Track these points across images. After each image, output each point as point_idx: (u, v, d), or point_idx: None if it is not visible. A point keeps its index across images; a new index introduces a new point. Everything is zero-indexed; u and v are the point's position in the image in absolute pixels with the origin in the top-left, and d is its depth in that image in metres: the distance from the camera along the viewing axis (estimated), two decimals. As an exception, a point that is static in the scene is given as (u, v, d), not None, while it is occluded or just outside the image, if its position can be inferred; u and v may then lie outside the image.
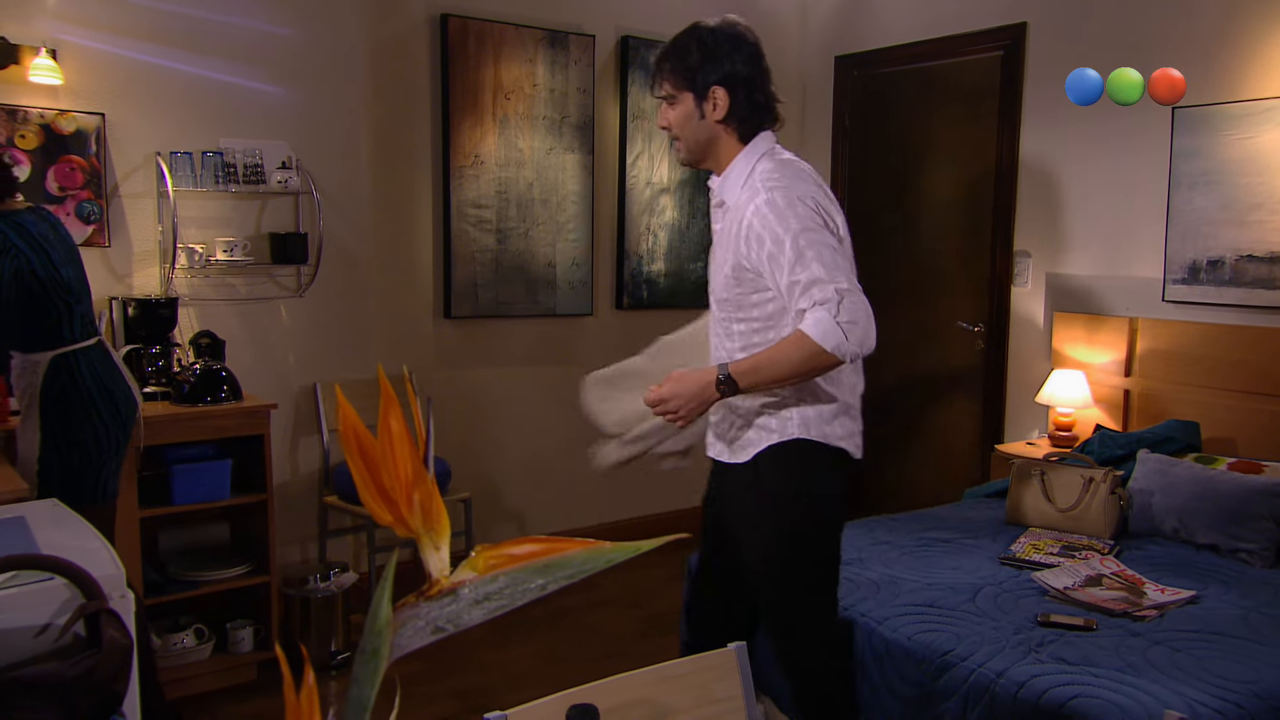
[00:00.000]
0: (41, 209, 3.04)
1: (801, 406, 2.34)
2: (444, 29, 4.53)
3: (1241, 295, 3.98)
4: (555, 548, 0.72)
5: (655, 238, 5.28)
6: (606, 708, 1.59)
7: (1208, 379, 4.06)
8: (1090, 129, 4.48)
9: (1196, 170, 4.09)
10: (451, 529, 2.80)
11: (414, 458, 0.70)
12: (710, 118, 2.32)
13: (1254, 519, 3.36)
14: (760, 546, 2.44)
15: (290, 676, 0.69)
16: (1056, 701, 2.38)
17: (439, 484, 4.16)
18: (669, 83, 2.35)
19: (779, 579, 2.45)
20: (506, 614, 0.72)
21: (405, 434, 0.70)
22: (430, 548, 0.70)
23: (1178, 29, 4.13)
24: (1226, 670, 2.50)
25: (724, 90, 2.30)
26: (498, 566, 0.70)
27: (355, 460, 0.70)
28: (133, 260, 3.82)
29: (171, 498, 3.51)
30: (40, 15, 3.58)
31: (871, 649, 2.75)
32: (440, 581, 0.69)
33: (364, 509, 2.39)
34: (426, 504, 0.70)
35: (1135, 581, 3.06)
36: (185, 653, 3.60)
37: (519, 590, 0.70)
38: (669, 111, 2.37)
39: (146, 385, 3.59)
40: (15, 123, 3.55)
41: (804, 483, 2.38)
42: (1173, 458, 3.76)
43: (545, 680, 3.70)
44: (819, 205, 2.23)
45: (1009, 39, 4.76)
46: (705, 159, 2.39)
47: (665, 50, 2.38)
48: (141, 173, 3.81)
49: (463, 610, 0.68)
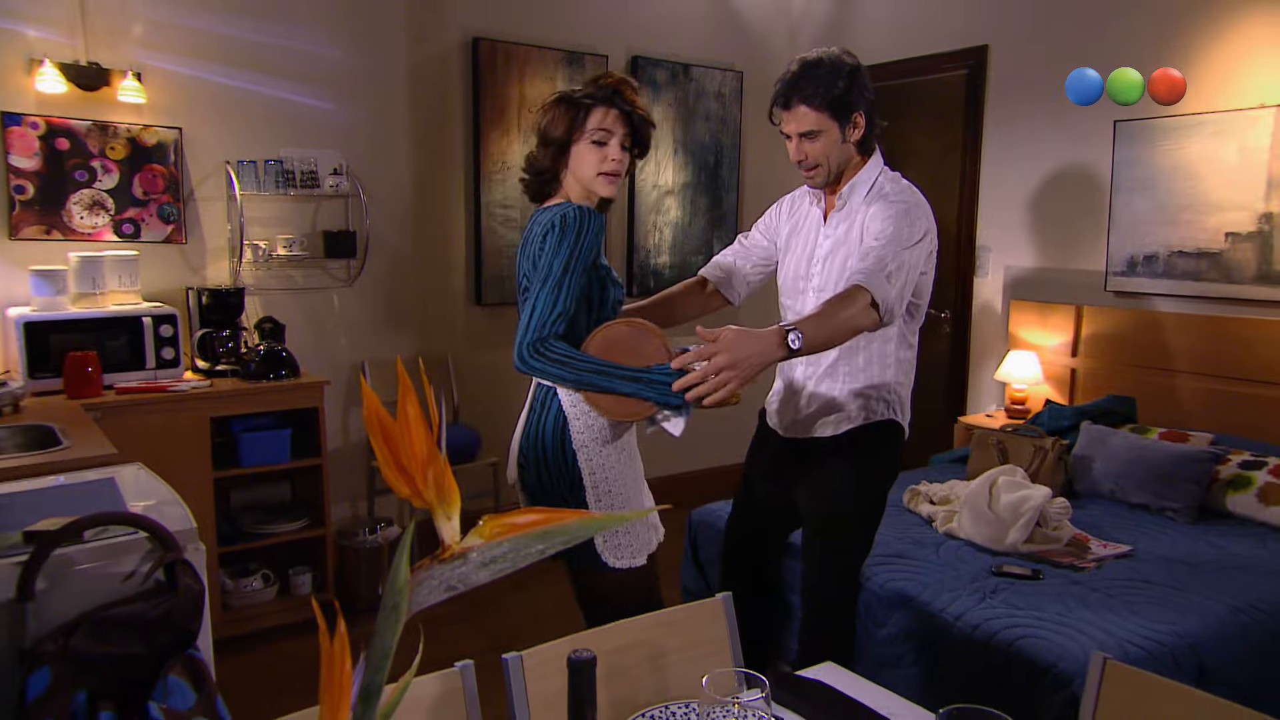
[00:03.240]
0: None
1: (897, 389, 2.30)
2: (475, 51, 4.51)
3: (1173, 286, 3.96)
4: (553, 517, 0.72)
5: (661, 234, 5.27)
6: (611, 649, 1.61)
7: (1143, 359, 4.04)
8: (1044, 139, 4.45)
9: (1135, 177, 4.06)
10: (480, 489, 2.85)
11: (428, 439, 0.70)
12: (851, 140, 2.22)
13: (1180, 481, 3.36)
14: (826, 509, 2.34)
15: (325, 626, 0.70)
16: (1005, 641, 2.40)
17: (469, 452, 4.21)
18: (815, 115, 2.17)
19: (838, 544, 2.37)
20: (527, 566, 0.72)
21: (421, 418, 0.70)
22: (443, 517, 0.70)
23: (1117, 52, 4.08)
24: (1152, 613, 2.52)
25: (863, 115, 2.22)
26: (502, 534, 0.70)
27: (377, 440, 0.70)
28: (206, 255, 3.84)
29: (240, 461, 3.54)
30: (127, 43, 3.59)
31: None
32: (451, 547, 0.69)
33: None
34: (439, 480, 0.70)
35: (1082, 539, 3.06)
36: (254, 594, 3.65)
37: (521, 554, 0.70)
38: (807, 144, 2.20)
39: (218, 364, 3.62)
40: (106, 136, 3.56)
41: (886, 460, 2.35)
42: (1111, 428, 3.76)
43: (563, 621, 3.70)
44: (926, 226, 2.16)
45: (973, 59, 4.72)
46: (838, 180, 2.28)
47: (797, 85, 2.17)
48: (213, 179, 3.82)
49: (471, 572, 0.69)
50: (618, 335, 2.00)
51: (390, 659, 0.68)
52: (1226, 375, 3.77)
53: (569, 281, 1.98)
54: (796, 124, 2.19)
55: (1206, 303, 3.88)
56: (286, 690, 3.22)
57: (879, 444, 2.31)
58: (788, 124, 2.22)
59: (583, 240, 2.00)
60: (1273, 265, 3.66)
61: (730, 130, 5.47)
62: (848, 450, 2.30)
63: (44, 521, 1.87)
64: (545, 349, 1.96)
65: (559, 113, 2.13)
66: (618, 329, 2.02)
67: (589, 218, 2.02)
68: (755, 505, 2.56)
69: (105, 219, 3.60)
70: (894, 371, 2.30)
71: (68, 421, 2.87)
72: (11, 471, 2.36)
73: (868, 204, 2.22)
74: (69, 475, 2.34)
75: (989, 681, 2.39)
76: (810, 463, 2.36)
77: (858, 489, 2.33)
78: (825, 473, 2.34)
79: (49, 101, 3.45)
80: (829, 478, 2.33)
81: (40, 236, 3.49)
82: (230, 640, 3.48)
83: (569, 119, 2.12)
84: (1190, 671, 2.36)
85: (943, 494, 3.39)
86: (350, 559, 3.87)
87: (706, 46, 5.34)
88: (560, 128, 2.12)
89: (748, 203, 5.64)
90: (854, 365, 2.29)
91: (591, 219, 2.03)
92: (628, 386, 1.94)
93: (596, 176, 2.12)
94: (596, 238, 2.03)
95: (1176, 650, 2.36)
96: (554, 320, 1.97)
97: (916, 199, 2.20)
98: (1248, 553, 2.99)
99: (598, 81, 2.17)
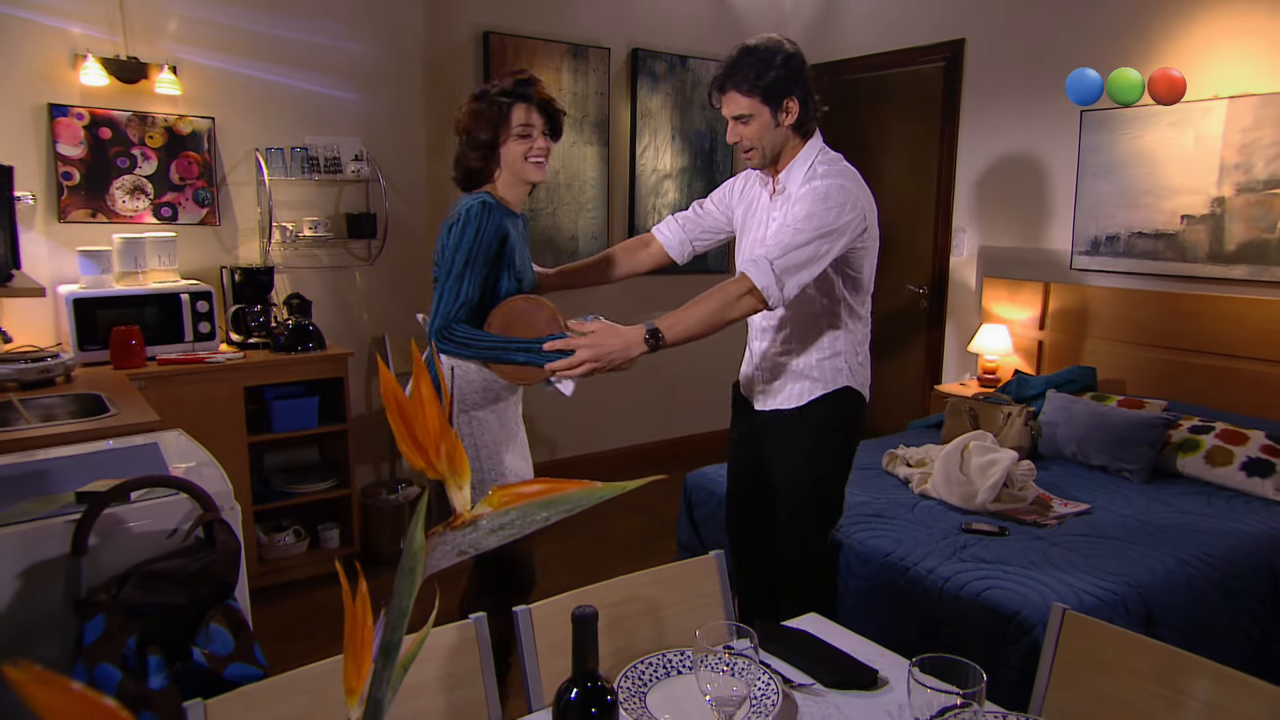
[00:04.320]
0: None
1: (850, 357, 2.27)
2: (486, 44, 4.47)
3: (1132, 264, 3.95)
4: (556, 487, 0.72)
5: (660, 214, 5.25)
6: (612, 602, 1.63)
7: (1104, 332, 4.04)
8: (1016, 128, 4.42)
9: (1099, 163, 4.04)
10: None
11: (440, 416, 0.70)
12: (784, 124, 2.16)
13: (1135, 444, 3.37)
14: (796, 476, 2.32)
15: (347, 584, 0.71)
16: (974, 592, 2.42)
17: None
18: (746, 101, 2.14)
19: (806, 508, 2.34)
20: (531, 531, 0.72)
21: (433, 396, 0.70)
22: (455, 487, 0.70)
23: (1084, 47, 4.05)
24: (1107, 565, 2.54)
25: (795, 100, 2.15)
26: (510, 503, 0.70)
27: (394, 417, 0.70)
28: (238, 236, 3.83)
29: (271, 427, 3.56)
30: (164, 39, 3.56)
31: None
32: (463, 515, 0.69)
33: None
34: (451, 453, 0.70)
35: (1045, 499, 3.08)
36: (287, 548, 3.67)
37: (527, 521, 0.71)
38: (741, 128, 2.17)
39: (250, 337, 3.62)
40: (145, 126, 3.54)
41: (846, 424, 2.31)
42: (1074, 396, 3.76)
43: (570, 573, 3.76)
44: (854, 201, 2.09)
45: (950, 52, 4.67)
46: (776, 162, 2.23)
47: (730, 72, 2.14)
48: (243, 165, 3.80)
49: (481, 538, 0.70)
50: (515, 309, 2.17)
51: (407, 617, 0.69)
52: (1179, 347, 3.77)
53: (469, 273, 2.12)
54: (729, 108, 2.18)
55: (1163, 280, 3.87)
56: (316, 635, 3.25)
57: (837, 410, 2.28)
58: (724, 108, 2.20)
59: (481, 236, 2.13)
60: (1223, 245, 3.65)
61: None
62: (808, 418, 2.28)
63: (94, 483, 1.90)
64: (450, 334, 2.12)
65: (482, 111, 2.20)
66: (515, 304, 2.17)
67: (488, 215, 2.14)
68: (742, 473, 2.53)
69: (145, 203, 3.59)
70: (844, 341, 2.25)
71: (114, 390, 2.89)
72: (66, 436, 2.38)
73: (802, 186, 2.16)
74: (117, 440, 2.36)
75: (959, 629, 2.41)
76: (777, 433, 2.34)
77: (818, 455, 2.30)
78: (789, 442, 2.31)
79: (92, 94, 3.43)
80: (793, 447, 2.31)
81: (86, 219, 3.48)
82: (266, 590, 3.52)
83: (493, 119, 2.20)
84: (1139, 617, 2.39)
85: (919, 457, 3.41)
86: (374, 516, 3.90)
87: (702, 39, 5.29)
88: (487, 130, 2.20)
89: (740, 186, 5.61)
90: (806, 338, 2.26)
91: (489, 216, 2.14)
92: (521, 357, 2.09)
93: (526, 163, 2.22)
94: (495, 234, 2.15)
95: (1128, 598, 2.39)
96: (457, 309, 2.12)
97: (842, 182, 2.10)
98: (1195, 510, 3.01)
99: (512, 79, 2.22)
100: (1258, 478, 3.15)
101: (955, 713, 1.07)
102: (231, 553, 1.84)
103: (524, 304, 2.17)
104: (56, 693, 0.51)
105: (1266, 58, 3.51)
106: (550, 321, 2.13)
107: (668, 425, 5.49)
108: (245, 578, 1.97)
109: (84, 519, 1.75)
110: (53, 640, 1.75)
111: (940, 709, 1.08)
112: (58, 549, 1.75)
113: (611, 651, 1.58)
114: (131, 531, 1.83)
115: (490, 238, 2.14)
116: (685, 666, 1.49)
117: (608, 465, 5.22)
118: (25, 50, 3.32)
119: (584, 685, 1.02)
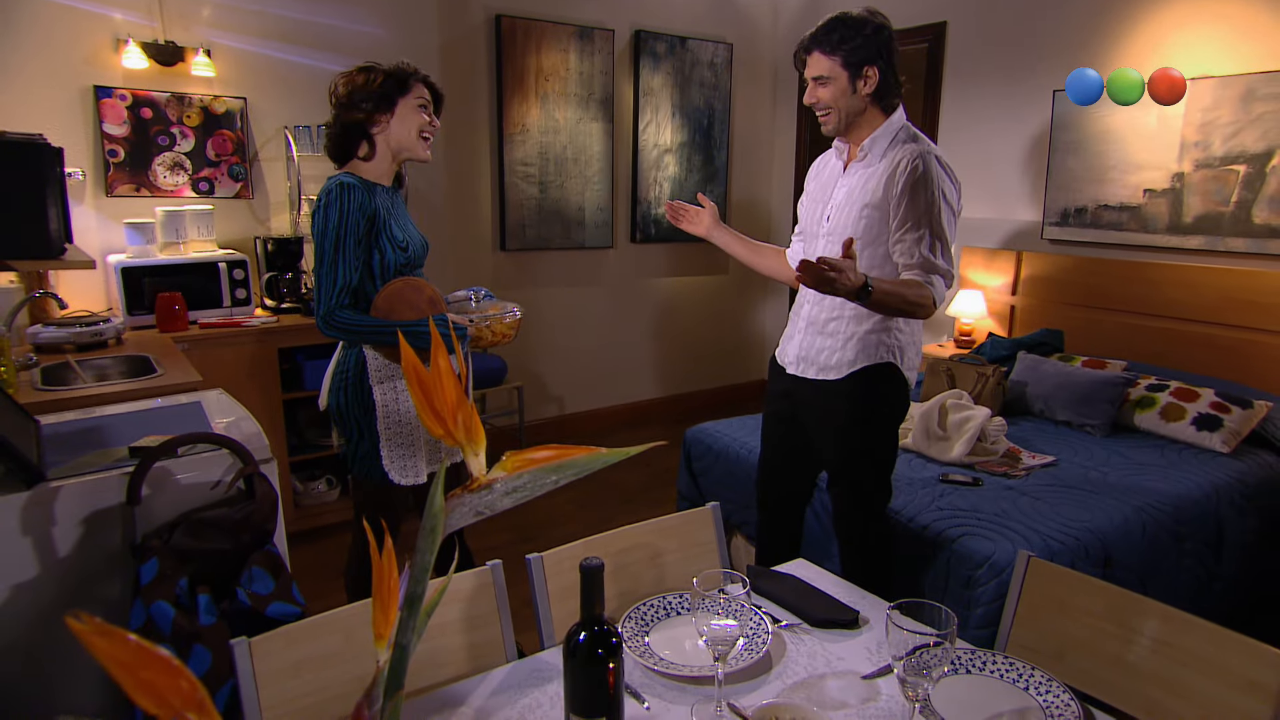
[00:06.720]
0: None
1: (899, 335, 2.14)
2: (498, 27, 4.40)
3: (1098, 235, 3.92)
4: (565, 453, 0.72)
5: (660, 187, 5.20)
6: (617, 550, 1.64)
7: (1071, 297, 4.02)
8: (993, 107, 4.36)
9: (1069, 140, 3.98)
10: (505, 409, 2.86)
11: (457, 388, 0.70)
12: (861, 92, 2.05)
13: (1097, 402, 3.37)
14: (846, 450, 2.19)
15: (375, 543, 0.71)
16: (950, 538, 2.43)
17: (497, 378, 4.22)
18: (827, 62, 2.04)
19: (855, 481, 2.22)
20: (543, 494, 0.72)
21: (450, 369, 0.70)
22: (471, 454, 0.70)
23: (1060, 30, 3.98)
24: (1071, 514, 2.55)
25: (875, 70, 2.04)
26: (522, 467, 0.70)
27: (414, 389, 0.69)
28: (270, 208, 3.80)
29: (304, 385, 3.55)
30: (199, 24, 3.51)
31: (822, 504, 2.69)
32: (479, 479, 0.70)
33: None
34: (468, 422, 0.70)
35: (1015, 452, 3.09)
36: (320, 495, 3.70)
37: (538, 484, 0.71)
38: (819, 90, 2.07)
39: (283, 302, 3.62)
40: (182, 106, 3.51)
41: (888, 401, 2.16)
42: (1043, 357, 3.75)
43: (579, 520, 3.80)
44: (953, 179, 2.03)
45: (932, 34, 4.59)
46: (850, 129, 2.11)
47: (818, 35, 2.05)
48: (274, 142, 3.76)
49: (495, 500, 0.70)
50: (396, 290, 2.06)
51: (430, 571, 0.69)
52: (1140, 312, 3.76)
53: (341, 259, 1.98)
54: (811, 69, 2.08)
55: (1126, 250, 3.84)
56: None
57: (879, 386, 2.12)
58: (806, 69, 2.10)
59: (345, 219, 1.98)
60: (1182, 217, 3.62)
61: (721, 96, 5.36)
62: (850, 392, 2.13)
63: (145, 439, 1.91)
64: (333, 320, 2.00)
65: (383, 77, 2.05)
66: (396, 286, 2.06)
67: (348, 196, 1.99)
68: (778, 445, 2.39)
69: (184, 178, 3.57)
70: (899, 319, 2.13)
71: (160, 352, 2.89)
72: (119, 395, 2.40)
73: (889, 154, 2.07)
74: (164, 398, 2.37)
75: (935, 571, 2.43)
76: (818, 406, 2.20)
77: (864, 429, 2.16)
78: (834, 416, 2.18)
79: (133, 76, 3.39)
80: (838, 421, 2.18)
81: (131, 194, 3.46)
82: (301, 533, 3.56)
83: (397, 82, 2.05)
84: (1099, 559, 2.41)
85: (898, 412, 3.40)
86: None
87: (701, 21, 5.20)
88: (390, 85, 2.05)
89: (736, 160, 5.55)
90: (860, 309, 2.10)
91: (350, 197, 1.99)
92: (406, 339, 2.02)
93: (418, 139, 2.10)
94: (360, 213, 1.99)
95: (1088, 543, 2.40)
96: (337, 294, 1.99)
97: (936, 151, 2.03)
98: (1150, 461, 3.02)
99: (401, 67, 2.09)
100: (1206, 431, 3.15)
101: (928, 649, 1.09)
102: (270, 502, 1.86)
103: (404, 286, 2.07)
104: (114, 642, 0.52)
105: (1227, 41, 3.44)
106: (431, 303, 2.07)
107: (669, 383, 5.50)
108: (282, 523, 1.99)
109: (137, 472, 1.77)
110: (113, 580, 1.78)
111: (914, 647, 1.09)
112: (114, 498, 1.77)
113: (616, 594, 1.60)
114: (180, 483, 1.84)
115: (355, 218, 1.99)
116: (684, 608, 1.50)
117: (612, 421, 5.24)
118: (72, 36, 3.28)
119: (591, 629, 1.04)
